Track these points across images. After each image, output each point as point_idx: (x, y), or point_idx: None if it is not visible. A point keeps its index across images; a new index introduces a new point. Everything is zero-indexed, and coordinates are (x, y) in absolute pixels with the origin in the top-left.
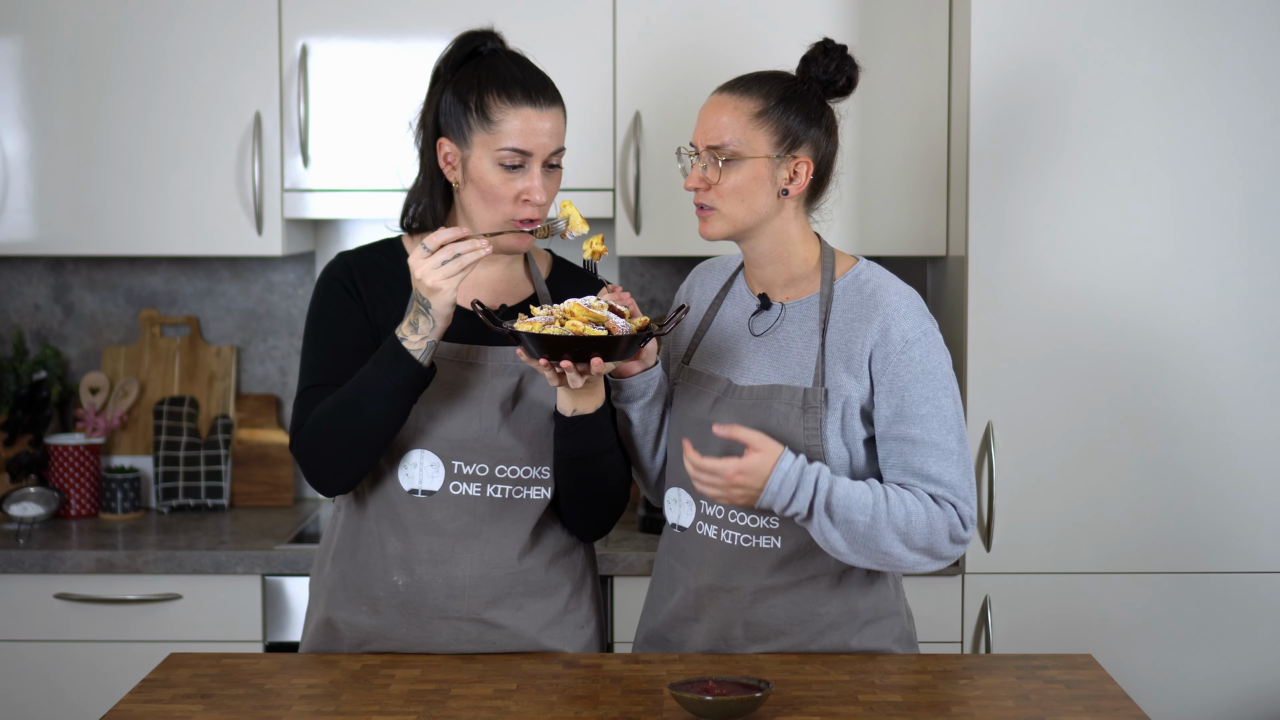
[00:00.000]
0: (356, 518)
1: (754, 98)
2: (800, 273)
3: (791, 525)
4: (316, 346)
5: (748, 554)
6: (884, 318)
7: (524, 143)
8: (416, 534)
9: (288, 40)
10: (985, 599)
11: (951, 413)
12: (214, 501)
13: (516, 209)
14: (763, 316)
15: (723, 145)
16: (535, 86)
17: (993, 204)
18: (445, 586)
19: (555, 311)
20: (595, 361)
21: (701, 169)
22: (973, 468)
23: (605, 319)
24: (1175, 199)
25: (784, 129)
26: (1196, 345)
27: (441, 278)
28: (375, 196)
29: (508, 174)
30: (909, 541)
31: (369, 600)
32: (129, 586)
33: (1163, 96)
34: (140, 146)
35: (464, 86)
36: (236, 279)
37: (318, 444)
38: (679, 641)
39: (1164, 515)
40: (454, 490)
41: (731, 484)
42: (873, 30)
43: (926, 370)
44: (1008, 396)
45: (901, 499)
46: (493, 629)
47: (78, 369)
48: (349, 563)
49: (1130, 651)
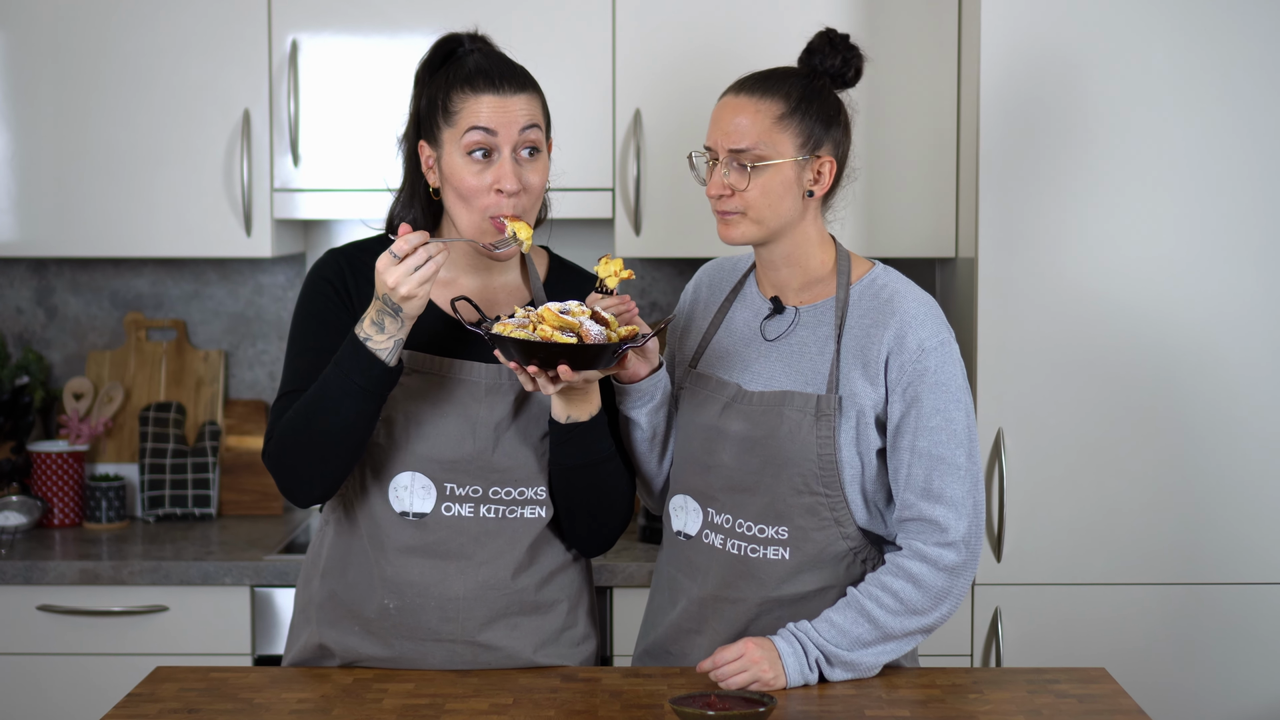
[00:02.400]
0: (346, 536)
1: (775, 99)
2: (816, 276)
3: (801, 538)
4: (299, 349)
5: (754, 564)
6: (900, 324)
7: (486, 121)
8: (407, 557)
9: (277, 35)
10: (995, 611)
11: (962, 426)
12: (201, 510)
13: (492, 203)
14: (775, 320)
15: (748, 149)
16: (499, 74)
17: (1003, 204)
18: (438, 609)
19: (531, 316)
20: (562, 369)
21: (724, 174)
22: (982, 484)
23: (577, 325)
24: (1191, 199)
25: (808, 130)
26: (1213, 350)
27: (417, 284)
28: (367, 196)
29: (477, 165)
30: (918, 610)
31: (360, 621)
32: (114, 598)
33: (1178, 93)
34: (126, 145)
35: (435, 88)
36: (225, 281)
37: (286, 453)
38: (680, 654)
39: (1180, 525)
40: (446, 512)
41: (750, 659)
42: (880, 24)
43: (940, 381)
44: (1019, 403)
45: (882, 587)
46: (487, 650)
47: (61, 374)
48: (338, 582)
49: (1145, 665)
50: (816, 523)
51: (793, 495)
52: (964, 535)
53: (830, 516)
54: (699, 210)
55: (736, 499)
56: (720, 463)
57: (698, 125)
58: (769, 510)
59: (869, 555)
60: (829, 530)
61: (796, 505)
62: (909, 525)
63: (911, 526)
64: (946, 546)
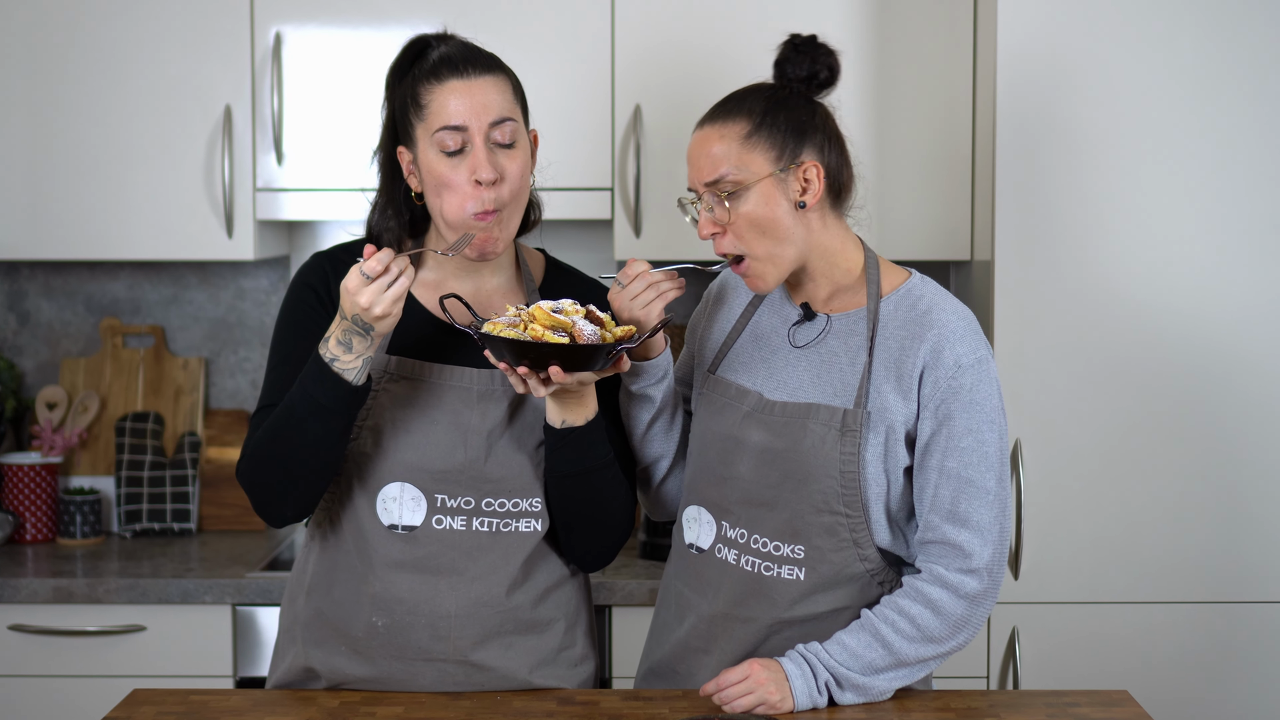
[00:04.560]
0: (332, 551)
1: (738, 120)
2: (845, 284)
3: (818, 558)
4: (278, 359)
5: (768, 583)
6: (938, 337)
7: (456, 117)
8: (397, 572)
9: (260, 28)
10: (1013, 630)
11: (994, 449)
12: (180, 525)
13: (472, 196)
14: (805, 327)
15: (721, 178)
16: (463, 60)
17: (1021, 205)
18: (429, 627)
19: (523, 315)
20: (554, 370)
21: (708, 211)
22: (1010, 510)
23: (570, 325)
24: (1216, 197)
25: (779, 142)
26: (1241, 355)
27: (391, 302)
28: (355, 196)
29: (451, 160)
30: (934, 638)
31: (347, 641)
32: (89, 617)
33: (1201, 90)
34: (101, 143)
35: (404, 87)
36: (205, 285)
37: (256, 471)
38: (688, 674)
39: (1207, 539)
40: (437, 525)
41: (755, 681)
42: (892, 18)
43: (975, 400)
44: (1037, 412)
45: (899, 611)
46: (480, 671)
47: (34, 382)
48: (325, 600)
49: (1171, 688)
50: (834, 543)
51: (812, 513)
52: (987, 563)
53: (849, 538)
54: None
55: (753, 513)
56: (737, 474)
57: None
58: (787, 527)
59: (887, 578)
60: (847, 552)
61: (816, 524)
62: (931, 548)
63: (933, 550)
64: (969, 573)
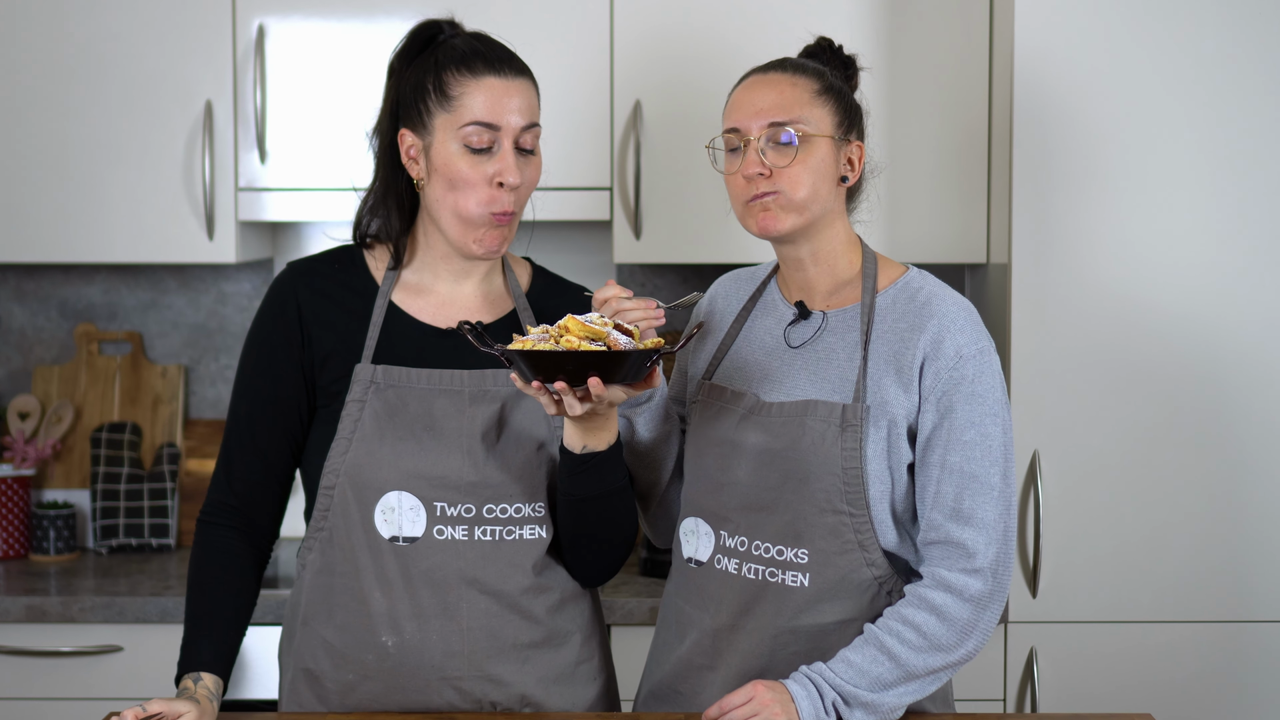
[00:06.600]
0: (326, 575)
1: (810, 76)
2: (845, 278)
3: (822, 561)
4: (241, 388)
5: (771, 590)
6: (938, 328)
7: (489, 115)
8: (402, 588)
9: (242, 20)
10: (1031, 651)
11: (998, 443)
12: (159, 541)
13: (491, 196)
14: (801, 326)
15: (794, 120)
16: (498, 57)
17: (1038, 206)
18: (441, 643)
19: (550, 330)
20: (593, 382)
21: (760, 153)
22: (1014, 509)
23: (605, 335)
24: (1239, 201)
25: (843, 110)
26: (1268, 363)
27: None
28: (340, 196)
29: (476, 157)
30: (942, 646)
31: (356, 667)
32: (63, 637)
33: (1222, 92)
34: (76, 141)
35: (421, 72)
36: (184, 289)
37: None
38: (691, 694)
39: (1233, 556)
40: (438, 535)
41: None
42: (906, 19)
43: (977, 392)
44: (1056, 422)
45: (902, 620)
46: (497, 686)
47: (5, 391)
48: (327, 626)
49: (1194, 710)
50: (839, 545)
51: (815, 514)
52: (991, 563)
53: (854, 539)
54: (705, 211)
55: (752, 519)
56: (735, 479)
57: (703, 118)
58: (788, 530)
59: (895, 587)
60: (852, 554)
61: (819, 525)
62: (933, 549)
63: (936, 551)
64: (973, 574)
